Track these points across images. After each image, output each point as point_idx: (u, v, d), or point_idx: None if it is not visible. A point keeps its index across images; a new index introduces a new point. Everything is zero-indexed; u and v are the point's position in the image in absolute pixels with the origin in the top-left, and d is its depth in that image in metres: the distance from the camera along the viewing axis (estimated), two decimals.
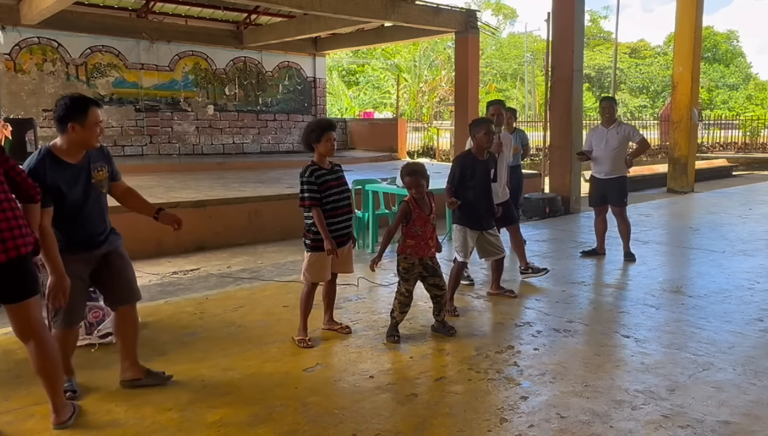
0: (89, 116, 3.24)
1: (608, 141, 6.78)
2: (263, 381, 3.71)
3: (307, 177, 4.19)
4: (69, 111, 3.21)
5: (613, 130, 6.79)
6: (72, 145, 3.27)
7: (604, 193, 6.90)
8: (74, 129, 3.22)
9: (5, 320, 5.06)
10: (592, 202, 7.12)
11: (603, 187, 6.89)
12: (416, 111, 27.29)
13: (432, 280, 4.41)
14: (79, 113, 3.22)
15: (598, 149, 6.84)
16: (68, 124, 3.21)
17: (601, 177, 6.87)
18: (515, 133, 7.93)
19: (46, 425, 3.17)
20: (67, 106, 3.22)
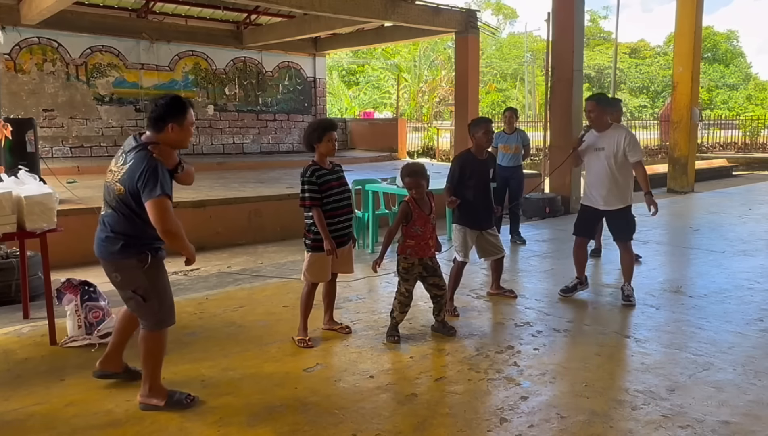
0: (187, 117, 3.23)
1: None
2: (263, 381, 3.71)
3: (308, 177, 4.19)
4: (169, 111, 3.18)
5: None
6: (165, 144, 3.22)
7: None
8: (173, 129, 3.19)
9: (5, 320, 5.08)
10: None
11: None
12: (416, 111, 27.29)
13: (432, 280, 4.41)
14: (179, 113, 3.20)
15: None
16: (168, 124, 3.18)
17: None
18: (516, 133, 7.93)
19: (46, 425, 3.18)
20: (168, 106, 3.19)
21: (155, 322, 3.32)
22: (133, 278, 3.26)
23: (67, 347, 4.26)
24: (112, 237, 3.23)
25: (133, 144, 3.20)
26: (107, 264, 3.30)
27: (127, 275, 3.26)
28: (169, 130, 3.19)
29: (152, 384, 3.36)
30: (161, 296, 3.32)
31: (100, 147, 15.29)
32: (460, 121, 14.14)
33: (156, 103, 3.22)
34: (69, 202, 7.90)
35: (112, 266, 3.27)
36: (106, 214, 3.27)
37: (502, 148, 7.87)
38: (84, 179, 11.36)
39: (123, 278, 3.27)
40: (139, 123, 15.80)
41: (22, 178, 4.69)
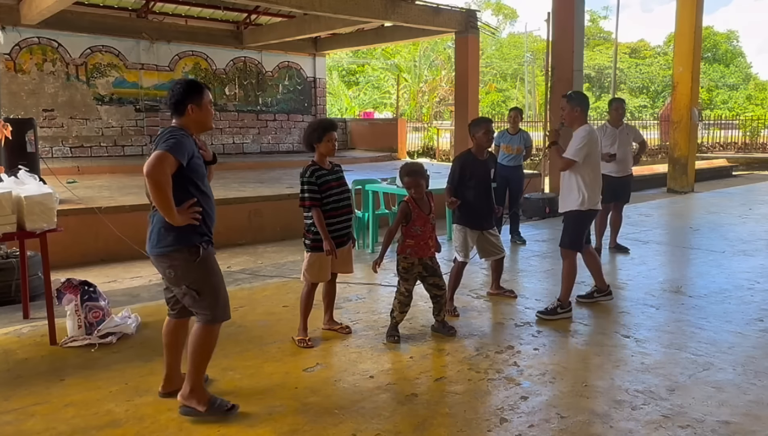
0: (204, 97, 3.30)
1: (621, 141, 7.00)
2: (263, 381, 3.71)
3: (307, 177, 4.19)
4: (187, 93, 3.25)
5: (623, 130, 7.07)
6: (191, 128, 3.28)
7: (617, 191, 7.01)
8: (193, 110, 3.25)
9: (5, 320, 5.09)
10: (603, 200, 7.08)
11: (616, 185, 6.96)
12: (416, 111, 27.28)
13: (432, 280, 4.41)
14: (197, 94, 3.28)
15: (611, 150, 6.92)
16: (188, 106, 3.23)
17: (617, 175, 6.99)
18: (519, 133, 7.91)
19: (46, 425, 3.18)
20: (184, 89, 3.25)
21: (213, 316, 3.28)
22: (187, 273, 3.21)
23: (67, 347, 4.25)
24: (162, 231, 3.17)
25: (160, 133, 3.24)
26: (160, 259, 3.23)
27: (180, 269, 3.21)
28: (190, 111, 3.25)
29: (195, 384, 3.28)
30: (215, 290, 3.29)
31: (100, 147, 15.30)
32: (460, 121, 14.14)
33: (173, 89, 3.27)
34: (69, 202, 7.90)
35: (166, 260, 3.21)
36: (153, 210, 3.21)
37: (504, 148, 7.86)
38: (84, 179, 11.37)
39: (176, 273, 3.22)
40: (139, 123, 15.81)
41: (22, 178, 4.69)
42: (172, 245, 3.17)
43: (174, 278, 3.24)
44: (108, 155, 15.22)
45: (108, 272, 7.15)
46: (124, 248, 7.30)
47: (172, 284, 3.29)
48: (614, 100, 7.43)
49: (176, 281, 3.24)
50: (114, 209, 8.08)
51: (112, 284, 6.59)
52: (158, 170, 2.99)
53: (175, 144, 3.08)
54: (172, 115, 3.30)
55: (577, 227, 5.03)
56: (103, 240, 7.65)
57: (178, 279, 3.23)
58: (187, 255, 3.18)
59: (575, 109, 4.94)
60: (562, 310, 4.88)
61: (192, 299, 3.24)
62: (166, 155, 3.02)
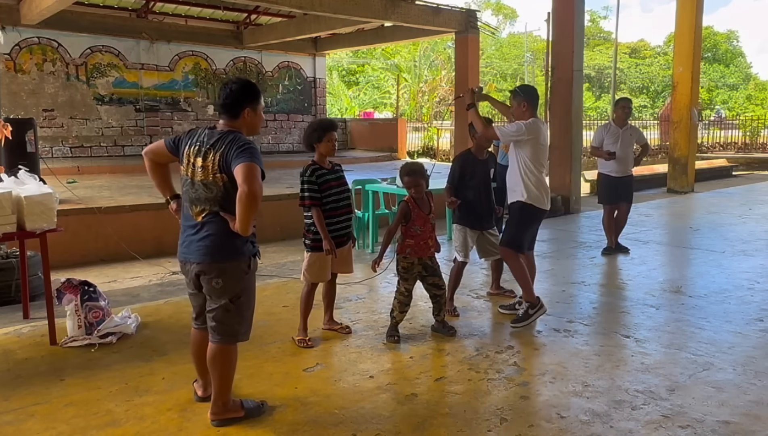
0: (260, 102, 3.14)
1: (624, 141, 6.96)
2: (263, 381, 3.71)
3: (307, 176, 4.19)
4: (246, 95, 3.07)
5: (627, 130, 7.04)
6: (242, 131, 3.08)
7: (618, 192, 7.05)
8: (248, 114, 3.08)
9: (5, 320, 5.08)
10: (606, 200, 7.21)
11: (617, 185, 7.02)
12: (416, 111, 27.28)
13: (431, 279, 4.41)
14: (255, 98, 3.10)
15: (613, 148, 6.91)
16: (245, 108, 3.05)
17: (618, 176, 7.00)
18: None
19: (46, 425, 3.18)
20: (243, 91, 3.07)
21: (236, 333, 3.13)
22: (236, 284, 3.05)
23: (67, 347, 4.25)
24: (222, 239, 2.99)
25: (216, 135, 3.02)
26: (212, 268, 3.02)
27: (230, 280, 3.03)
28: (246, 115, 3.07)
29: (226, 400, 3.18)
30: (251, 305, 3.17)
31: (100, 147, 15.29)
32: (460, 121, 14.14)
33: (230, 89, 3.06)
34: (69, 202, 7.89)
35: (217, 270, 3.01)
36: (206, 214, 3.02)
37: (504, 148, 7.84)
38: (84, 179, 11.36)
39: (225, 284, 3.02)
40: (139, 123, 15.81)
41: (22, 178, 4.69)
42: (233, 254, 3.01)
43: (219, 289, 3.03)
44: (108, 155, 15.22)
45: (108, 272, 7.14)
46: (124, 248, 7.31)
47: (214, 294, 3.06)
48: (621, 99, 7.38)
49: (221, 293, 3.04)
50: (114, 209, 8.07)
51: (112, 284, 6.59)
52: (259, 185, 2.83)
53: (256, 153, 2.91)
54: (221, 114, 3.10)
55: (521, 223, 4.75)
56: (103, 240, 7.65)
57: (223, 290, 3.03)
58: (243, 266, 3.05)
59: (522, 105, 4.70)
60: (533, 310, 4.66)
61: (226, 313, 3.06)
62: (257, 168, 2.85)
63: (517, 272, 4.71)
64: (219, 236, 2.99)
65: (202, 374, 3.38)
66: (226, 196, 2.96)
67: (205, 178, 2.99)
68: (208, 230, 3.01)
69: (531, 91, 4.81)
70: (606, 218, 7.27)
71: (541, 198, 4.70)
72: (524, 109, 4.68)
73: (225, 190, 2.96)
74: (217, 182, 2.97)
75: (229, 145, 2.94)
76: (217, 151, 2.95)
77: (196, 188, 3.03)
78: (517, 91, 4.79)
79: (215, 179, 2.97)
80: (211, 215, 3.01)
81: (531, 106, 4.69)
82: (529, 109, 4.68)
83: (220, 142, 2.98)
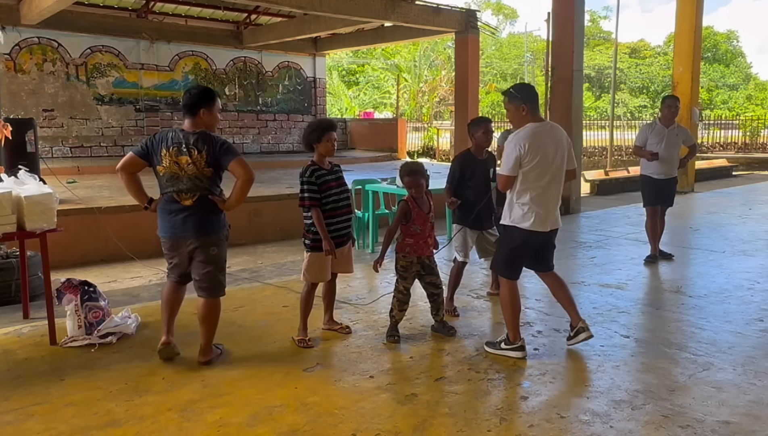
0: (215, 104, 3.83)
1: (669, 141, 6.63)
2: (263, 381, 3.71)
3: (307, 177, 4.19)
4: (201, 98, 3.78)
5: (673, 130, 6.68)
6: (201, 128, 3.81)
7: (661, 194, 6.77)
8: (204, 114, 3.77)
9: (5, 320, 5.08)
10: (649, 202, 6.87)
11: (662, 187, 6.73)
12: (416, 111, 27.29)
13: (429, 278, 4.41)
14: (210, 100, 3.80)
15: (659, 148, 6.60)
16: (201, 109, 3.76)
17: (660, 177, 6.69)
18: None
19: (46, 425, 3.18)
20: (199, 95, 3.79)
21: (222, 286, 3.92)
22: (223, 250, 3.89)
23: (67, 347, 4.25)
24: (213, 216, 3.81)
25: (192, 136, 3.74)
26: (211, 239, 3.81)
27: (222, 247, 3.87)
28: (202, 114, 3.77)
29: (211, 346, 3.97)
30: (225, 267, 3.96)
31: (100, 147, 15.29)
32: (460, 121, 14.14)
33: (190, 93, 3.81)
34: (69, 202, 7.89)
35: (213, 240, 3.82)
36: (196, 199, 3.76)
37: None
38: (84, 179, 11.36)
39: (219, 250, 3.85)
40: (139, 123, 15.80)
41: (22, 178, 4.69)
42: (223, 227, 3.88)
43: (215, 255, 3.83)
44: (108, 155, 15.21)
45: (108, 272, 7.14)
46: (123, 249, 7.30)
47: (209, 261, 3.82)
48: (668, 97, 6.93)
49: (215, 258, 3.83)
50: (114, 209, 8.07)
51: (112, 284, 6.59)
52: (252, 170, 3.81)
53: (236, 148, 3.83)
54: (185, 115, 3.82)
55: (512, 250, 4.05)
56: (103, 240, 7.64)
57: (217, 256, 3.84)
58: (224, 235, 3.90)
59: (521, 108, 3.88)
60: (506, 346, 4.05)
61: (213, 275, 3.83)
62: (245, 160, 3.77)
63: (508, 300, 4.05)
64: (209, 215, 3.80)
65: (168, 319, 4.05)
66: (213, 184, 3.81)
67: (197, 172, 3.73)
68: (201, 211, 3.79)
69: (529, 91, 4.00)
70: (649, 221, 6.87)
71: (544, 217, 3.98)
72: (524, 114, 3.88)
73: (211, 180, 3.79)
74: (206, 175, 3.76)
75: (210, 145, 3.73)
76: (201, 150, 3.71)
77: (185, 181, 3.75)
78: (513, 93, 3.94)
79: (204, 172, 3.75)
80: (200, 200, 3.77)
81: (531, 109, 3.90)
82: (530, 114, 3.89)
83: (201, 142, 3.73)
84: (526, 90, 4.02)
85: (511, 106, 3.95)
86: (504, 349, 4.07)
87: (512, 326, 4.05)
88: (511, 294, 4.05)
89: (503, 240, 4.18)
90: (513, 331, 4.05)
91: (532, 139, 3.83)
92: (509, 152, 3.84)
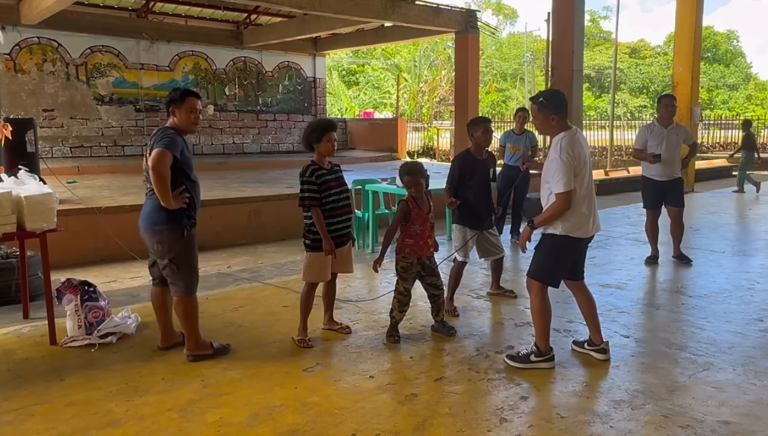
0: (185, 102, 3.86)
1: (669, 141, 6.45)
2: (263, 381, 3.71)
3: (307, 177, 4.19)
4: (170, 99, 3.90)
5: (673, 130, 6.50)
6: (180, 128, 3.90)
7: (663, 197, 6.63)
8: (174, 112, 3.88)
9: (5, 320, 5.08)
10: (648, 205, 6.77)
11: (662, 189, 6.59)
12: (416, 111, 27.29)
13: (429, 279, 4.41)
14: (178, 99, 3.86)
15: (656, 150, 6.46)
16: (171, 108, 3.89)
17: (662, 179, 6.53)
18: (525, 134, 7.84)
19: (46, 425, 3.18)
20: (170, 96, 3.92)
21: (185, 287, 3.91)
22: (172, 248, 3.84)
23: (67, 347, 4.25)
24: (156, 211, 3.81)
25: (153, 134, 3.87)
26: (151, 234, 3.87)
27: (167, 244, 3.84)
28: (173, 113, 3.88)
29: (196, 339, 3.99)
30: (192, 266, 3.94)
31: (100, 147, 15.30)
32: (460, 121, 14.14)
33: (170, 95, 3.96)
34: (69, 202, 7.90)
35: (156, 236, 3.85)
36: (149, 193, 3.89)
37: (510, 149, 7.77)
38: (84, 179, 11.36)
39: (163, 248, 3.85)
40: (139, 123, 15.81)
41: (22, 178, 4.69)
42: (165, 223, 3.82)
43: (160, 252, 3.87)
44: (108, 155, 15.22)
45: (108, 272, 7.14)
46: (124, 248, 7.29)
47: (158, 256, 3.92)
48: (664, 96, 6.77)
49: (161, 254, 3.87)
50: (114, 209, 8.07)
51: (112, 284, 6.59)
52: (162, 163, 3.67)
53: (170, 142, 3.73)
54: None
55: (550, 255, 3.88)
56: (103, 240, 7.64)
57: (163, 253, 3.86)
58: (176, 233, 3.83)
59: (551, 118, 3.73)
60: (537, 357, 3.89)
61: (171, 272, 3.88)
62: (164, 152, 3.68)
63: (540, 309, 3.91)
64: (152, 208, 3.85)
65: (162, 324, 4.17)
66: None
67: (145, 166, 3.84)
68: (147, 205, 3.93)
69: (559, 99, 3.79)
70: (649, 223, 6.79)
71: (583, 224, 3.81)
72: (554, 124, 3.73)
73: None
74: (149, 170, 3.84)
75: (154, 139, 3.80)
76: (150, 145, 3.82)
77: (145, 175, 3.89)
78: (543, 102, 3.76)
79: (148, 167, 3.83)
80: (149, 194, 3.90)
81: (561, 118, 3.74)
82: (559, 123, 3.73)
83: (153, 137, 3.83)
84: (557, 98, 3.80)
85: (541, 115, 3.77)
86: (535, 362, 3.87)
87: (544, 336, 3.88)
88: (545, 303, 3.89)
89: (549, 249, 3.85)
90: (545, 341, 3.88)
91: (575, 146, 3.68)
92: (558, 168, 3.62)
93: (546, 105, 3.75)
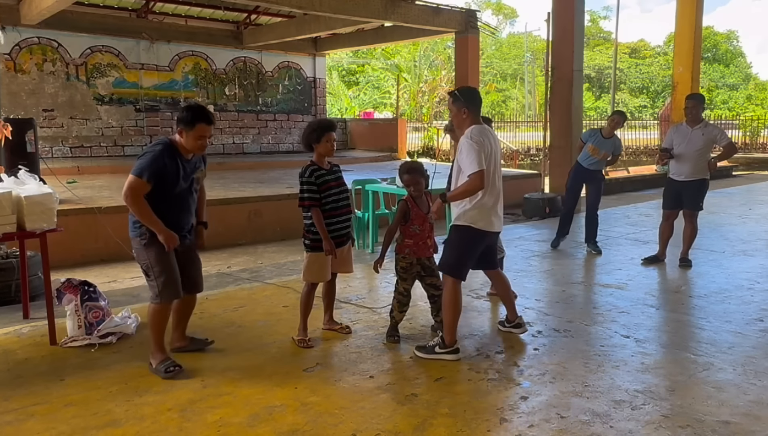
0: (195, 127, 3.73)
1: (692, 141, 6.32)
2: (263, 381, 3.71)
3: (306, 177, 4.19)
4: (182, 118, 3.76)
5: (698, 130, 6.33)
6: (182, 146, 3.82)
7: (680, 197, 6.53)
8: (181, 133, 3.77)
9: (5, 320, 5.08)
10: (664, 205, 6.72)
11: (680, 190, 6.49)
12: (416, 111, 27.29)
13: (429, 280, 4.41)
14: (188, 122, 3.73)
15: (679, 148, 6.37)
16: (179, 127, 3.76)
17: (680, 179, 6.45)
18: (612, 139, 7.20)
19: (46, 425, 3.18)
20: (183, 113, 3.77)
21: (154, 294, 3.83)
22: (140, 254, 3.84)
23: (67, 347, 4.26)
24: (132, 220, 3.83)
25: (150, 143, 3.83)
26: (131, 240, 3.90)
27: (136, 251, 3.87)
28: (180, 133, 3.77)
29: (153, 348, 3.89)
30: (159, 273, 3.80)
31: (100, 147, 15.29)
32: None
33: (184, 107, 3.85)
34: (69, 202, 7.89)
35: (131, 243, 3.89)
36: None
37: (590, 150, 7.18)
38: (84, 179, 11.36)
39: (136, 254, 3.88)
40: (139, 123, 15.80)
41: (22, 178, 4.69)
42: (132, 231, 3.86)
43: (136, 257, 3.91)
44: (108, 155, 15.21)
45: (108, 272, 7.14)
46: (124, 248, 7.29)
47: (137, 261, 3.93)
48: (688, 96, 6.62)
49: (137, 259, 3.90)
50: (114, 209, 8.05)
51: (112, 284, 6.59)
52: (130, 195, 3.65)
53: (148, 162, 3.66)
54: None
55: (455, 247, 4.09)
56: (103, 240, 7.63)
57: (138, 258, 3.89)
58: (139, 240, 3.81)
59: (462, 111, 4.02)
60: (441, 349, 4.02)
61: (146, 275, 3.88)
62: (134, 181, 3.64)
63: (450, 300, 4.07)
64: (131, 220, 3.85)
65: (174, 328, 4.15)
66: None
67: None
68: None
69: (473, 95, 4.14)
70: (662, 223, 6.74)
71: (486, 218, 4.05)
72: (464, 117, 4.03)
73: None
74: None
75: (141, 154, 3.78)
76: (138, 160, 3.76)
77: None
78: (457, 95, 4.09)
79: None
80: None
81: (472, 112, 4.05)
82: (470, 117, 4.03)
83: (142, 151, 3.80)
84: (472, 95, 4.15)
85: (454, 108, 4.08)
86: (439, 353, 4.03)
87: (452, 328, 4.05)
88: (456, 296, 4.08)
89: (456, 240, 4.11)
90: (451, 334, 4.04)
91: (484, 135, 3.98)
92: (468, 151, 3.88)
93: (459, 98, 4.07)
